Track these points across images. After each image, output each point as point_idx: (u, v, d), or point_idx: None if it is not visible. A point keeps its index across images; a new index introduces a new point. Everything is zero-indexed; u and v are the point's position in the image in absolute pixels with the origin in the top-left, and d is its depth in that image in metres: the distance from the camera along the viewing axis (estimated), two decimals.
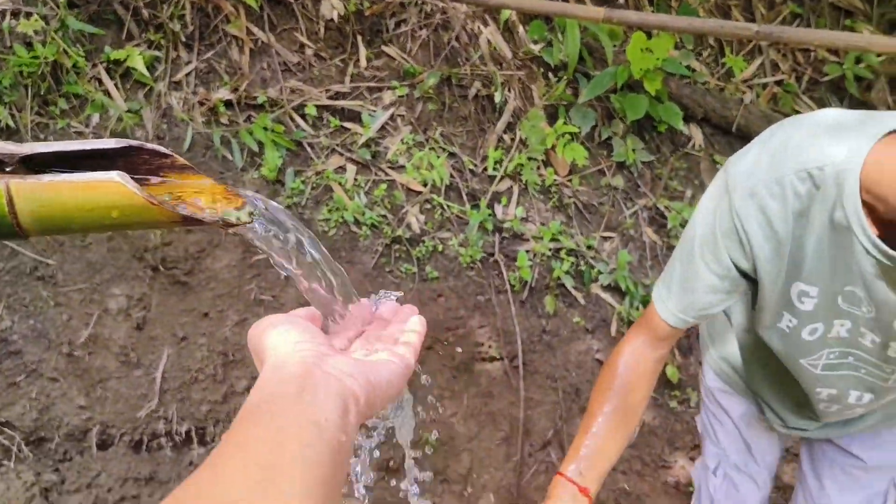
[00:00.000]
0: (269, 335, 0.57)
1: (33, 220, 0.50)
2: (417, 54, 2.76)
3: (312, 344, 0.56)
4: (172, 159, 0.60)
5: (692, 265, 1.13)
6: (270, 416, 0.48)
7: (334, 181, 2.44)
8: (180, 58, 2.49)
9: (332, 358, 0.55)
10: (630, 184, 2.80)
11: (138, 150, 0.58)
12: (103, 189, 0.50)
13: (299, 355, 0.53)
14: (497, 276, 2.47)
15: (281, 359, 0.53)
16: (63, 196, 0.50)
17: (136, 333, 2.22)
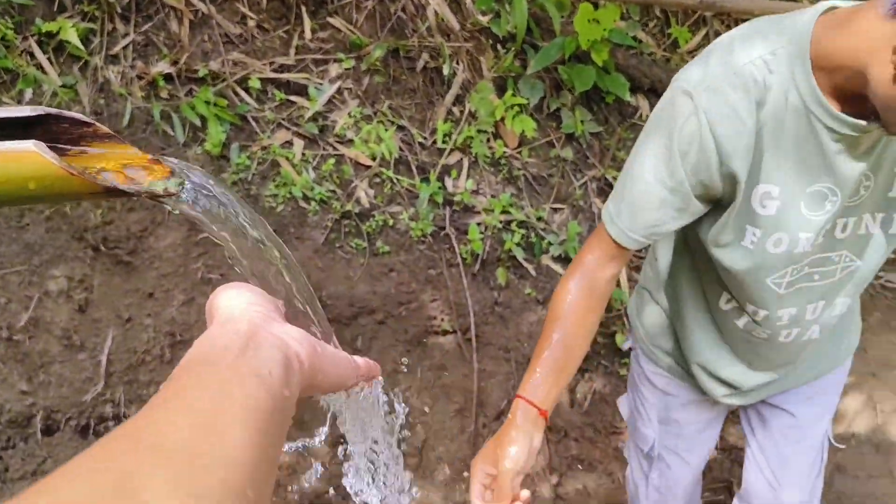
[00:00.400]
0: (222, 297, 0.55)
1: None
2: (363, 26, 2.72)
3: (264, 308, 0.55)
4: (95, 128, 0.57)
5: (642, 181, 1.11)
6: (213, 366, 0.47)
7: (281, 156, 2.39)
8: (116, 30, 2.40)
9: (279, 324, 0.54)
10: (579, 155, 2.82)
11: (56, 118, 0.55)
12: (18, 159, 0.48)
13: (248, 315, 0.52)
14: (448, 249, 2.47)
15: (230, 316, 0.52)
16: None
17: (79, 316, 2.16)
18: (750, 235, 1.13)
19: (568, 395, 2.45)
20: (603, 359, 2.50)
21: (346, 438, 0.76)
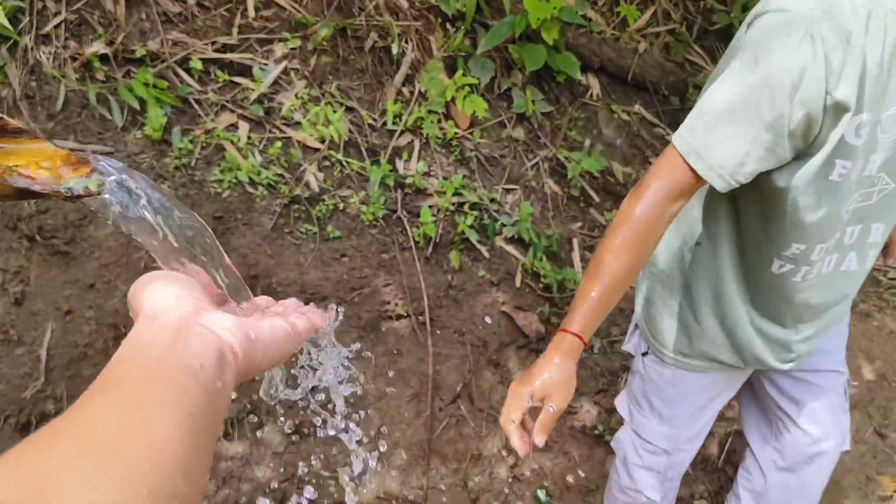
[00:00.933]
0: (148, 290, 0.52)
1: None
2: (309, 4, 2.64)
3: (192, 299, 0.51)
4: (3, 122, 0.52)
5: (733, 115, 1.07)
6: (141, 360, 0.44)
7: (226, 140, 2.32)
8: (47, 8, 2.28)
9: (210, 313, 0.51)
10: (531, 135, 2.80)
11: None
12: None
13: (177, 309, 0.50)
14: (401, 232, 2.43)
15: (156, 311, 0.49)
16: None
17: (15, 309, 2.06)
18: (839, 169, 1.11)
19: None
20: None
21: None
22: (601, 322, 1.20)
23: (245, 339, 0.52)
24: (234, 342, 0.50)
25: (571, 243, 2.65)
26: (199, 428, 0.43)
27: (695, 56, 3.20)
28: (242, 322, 0.52)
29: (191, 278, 0.56)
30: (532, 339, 2.46)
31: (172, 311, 0.50)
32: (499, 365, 2.46)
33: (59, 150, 0.54)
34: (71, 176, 0.53)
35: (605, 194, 2.81)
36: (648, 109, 3.02)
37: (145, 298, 0.52)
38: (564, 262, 2.61)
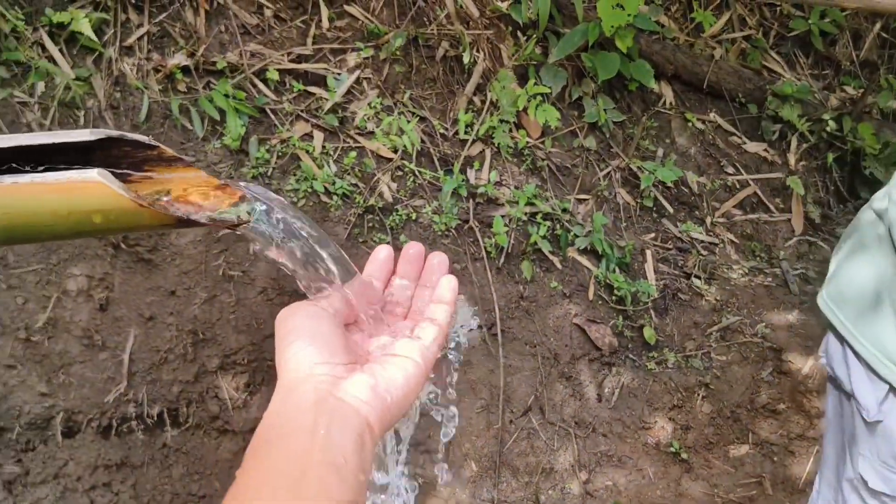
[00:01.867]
0: (287, 346, 0.55)
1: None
2: (382, 14, 2.65)
3: (329, 366, 0.54)
4: (159, 151, 0.52)
5: None
6: (289, 453, 0.48)
7: (301, 149, 2.34)
8: (130, 21, 2.34)
9: (346, 381, 0.53)
10: (602, 144, 2.76)
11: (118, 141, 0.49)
12: (82, 191, 0.42)
13: (314, 381, 0.52)
14: (472, 242, 2.42)
15: (295, 382, 0.53)
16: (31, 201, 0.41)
17: (100, 315, 2.11)
18: None
19: (595, 389, 2.41)
20: (631, 353, 2.45)
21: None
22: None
23: (382, 409, 0.53)
24: (372, 415, 0.52)
25: (644, 255, 2.60)
26: None
27: (772, 63, 3.11)
28: (377, 387, 0.53)
29: (330, 326, 0.57)
30: (605, 353, 2.42)
31: (310, 382, 0.52)
32: (570, 378, 2.42)
33: (211, 179, 0.54)
34: (224, 204, 0.53)
35: (678, 205, 2.75)
36: (724, 117, 2.95)
37: (287, 359, 0.54)
38: (637, 274, 2.56)
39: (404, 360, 0.58)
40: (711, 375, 2.46)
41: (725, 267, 2.69)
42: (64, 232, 0.43)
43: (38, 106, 2.17)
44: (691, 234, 2.69)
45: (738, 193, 2.84)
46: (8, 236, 0.42)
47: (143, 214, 0.45)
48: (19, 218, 0.42)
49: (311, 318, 0.57)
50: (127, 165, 0.50)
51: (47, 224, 0.42)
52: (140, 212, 0.44)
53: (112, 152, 0.49)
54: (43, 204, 0.42)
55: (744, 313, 2.58)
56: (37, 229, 0.42)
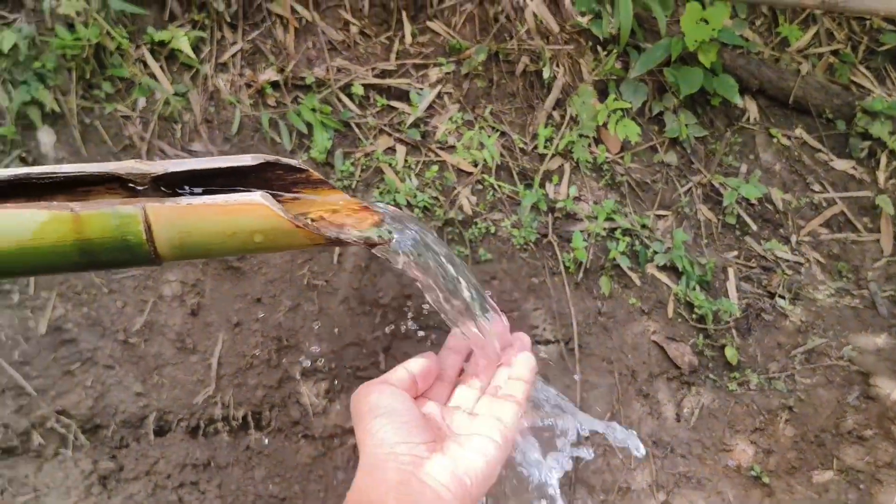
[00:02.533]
0: (367, 425, 0.57)
1: (171, 248, 0.45)
2: (463, 29, 2.69)
3: (409, 446, 0.56)
4: (307, 174, 0.56)
5: None
6: None
7: (384, 163, 2.39)
8: (225, 38, 2.44)
9: (428, 463, 0.55)
10: (683, 160, 2.73)
11: (272, 164, 0.53)
12: (246, 212, 0.46)
13: (396, 461, 0.54)
14: (551, 257, 2.42)
15: (378, 460, 0.55)
16: (204, 221, 0.45)
17: (192, 319, 2.20)
18: None
19: (674, 409, 2.38)
20: (711, 372, 2.41)
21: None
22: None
23: (462, 492, 0.55)
24: (451, 498, 0.53)
25: (726, 273, 2.55)
26: None
27: (861, 78, 3.01)
28: (458, 473, 0.55)
29: (409, 407, 0.59)
30: (684, 371, 2.38)
31: (392, 461, 0.53)
32: (648, 396, 2.39)
33: (353, 201, 0.58)
34: (367, 224, 0.56)
35: (762, 222, 2.69)
36: (811, 133, 2.87)
37: (368, 437, 0.56)
38: (719, 293, 2.52)
39: (485, 440, 0.59)
40: (795, 398, 2.40)
41: (811, 287, 2.62)
42: (230, 249, 0.47)
43: (139, 119, 2.28)
44: (776, 253, 2.63)
45: (825, 212, 2.76)
46: (183, 252, 0.46)
47: (298, 234, 0.48)
48: (193, 236, 0.45)
49: (388, 396, 0.60)
50: (278, 187, 0.54)
51: (217, 242, 0.46)
52: (296, 232, 0.48)
53: (265, 175, 0.53)
54: (214, 224, 0.46)
55: (830, 335, 2.50)
56: (206, 247, 0.46)
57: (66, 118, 2.25)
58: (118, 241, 0.42)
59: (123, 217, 0.42)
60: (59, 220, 0.39)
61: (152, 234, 0.43)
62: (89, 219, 0.41)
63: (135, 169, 0.45)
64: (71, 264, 0.42)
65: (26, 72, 2.17)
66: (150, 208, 0.43)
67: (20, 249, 0.38)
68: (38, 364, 2.14)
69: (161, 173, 0.46)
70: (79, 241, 0.41)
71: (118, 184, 0.44)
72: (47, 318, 2.15)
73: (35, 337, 2.15)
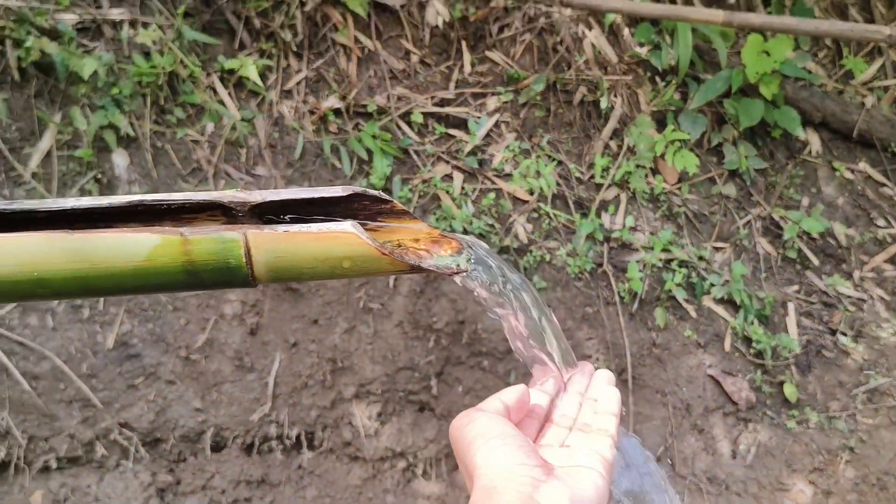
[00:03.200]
0: (478, 449, 0.56)
1: (267, 270, 0.48)
2: (522, 59, 2.73)
3: (527, 468, 0.54)
4: (392, 205, 0.58)
5: None
6: None
7: (442, 189, 2.43)
8: (290, 66, 2.52)
9: (544, 486, 0.54)
10: (742, 192, 2.70)
11: (360, 196, 0.56)
12: (337, 240, 0.49)
13: (516, 482, 0.53)
14: (605, 287, 2.41)
15: (494, 483, 0.53)
16: (298, 247, 0.48)
17: (250, 338, 2.26)
18: None
19: (730, 445, 2.33)
20: (769, 409, 2.36)
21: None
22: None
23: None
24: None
25: (786, 308, 2.50)
26: None
27: None
28: (574, 496, 0.54)
29: (517, 432, 0.59)
30: (741, 407, 2.34)
31: (512, 483, 0.53)
32: (703, 431, 2.35)
33: (433, 230, 0.60)
34: (446, 252, 0.59)
35: (824, 257, 2.63)
36: (875, 167, 2.81)
37: (478, 462, 0.56)
38: (778, 328, 2.47)
39: (591, 472, 0.59)
40: (856, 439, 2.32)
41: (874, 325, 2.54)
42: (320, 274, 0.50)
43: (207, 144, 2.37)
44: (838, 289, 2.57)
45: (890, 247, 2.69)
46: (277, 276, 0.49)
47: (383, 261, 0.51)
48: (287, 261, 0.49)
49: (495, 421, 0.59)
50: (363, 216, 0.57)
51: (308, 266, 0.49)
52: (381, 259, 0.50)
53: (352, 205, 0.56)
54: (307, 250, 0.49)
55: (893, 375, 2.42)
56: (299, 271, 0.49)
57: (139, 142, 2.35)
58: (221, 264, 0.45)
59: (227, 242, 0.45)
60: (170, 244, 0.43)
61: (251, 258, 0.46)
62: (197, 242, 0.44)
63: (236, 197, 0.48)
64: (178, 284, 0.45)
65: (104, 97, 2.27)
66: (250, 234, 0.46)
67: (134, 270, 0.41)
68: (105, 377, 2.22)
69: (259, 202, 0.49)
70: (186, 263, 0.44)
71: (220, 211, 0.48)
72: (115, 334, 2.24)
73: (102, 351, 2.23)
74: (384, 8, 2.66)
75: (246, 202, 0.48)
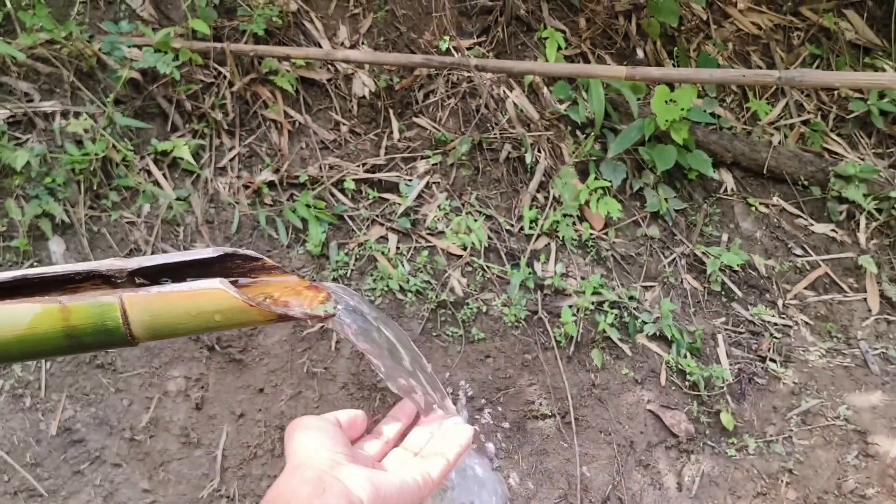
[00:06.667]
0: (296, 437, 0.64)
1: (144, 329, 0.54)
2: (448, 122, 2.86)
3: (331, 453, 0.62)
4: (262, 262, 0.66)
5: None
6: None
7: (377, 251, 2.50)
8: (223, 144, 2.60)
9: (345, 467, 0.61)
10: (666, 232, 2.83)
11: (232, 256, 0.63)
12: (207, 296, 0.55)
13: (317, 462, 0.60)
14: (542, 333, 2.50)
15: (299, 463, 0.60)
16: (172, 305, 0.55)
17: (196, 413, 2.27)
18: None
19: (675, 478, 2.39)
20: (709, 439, 2.44)
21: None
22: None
23: (373, 492, 0.61)
24: (364, 495, 0.60)
25: (716, 339, 2.61)
26: None
27: (833, 144, 3.15)
28: (373, 478, 0.61)
29: (335, 429, 0.67)
30: (682, 439, 2.41)
31: (312, 462, 0.61)
32: (648, 466, 2.41)
33: (302, 282, 0.67)
34: (314, 301, 0.66)
35: (748, 288, 2.77)
36: (788, 200, 2.98)
37: (292, 449, 0.64)
38: (710, 359, 2.57)
39: (405, 475, 0.66)
40: (795, 461, 2.41)
41: (802, 349, 2.67)
42: (195, 328, 0.56)
43: (144, 225, 2.42)
44: (763, 317, 2.69)
45: (809, 275, 2.84)
46: (154, 333, 0.55)
47: (252, 312, 0.57)
48: (163, 318, 0.55)
49: (319, 420, 0.67)
50: (238, 274, 0.64)
51: (183, 322, 0.55)
52: (250, 310, 0.57)
53: (227, 264, 0.63)
54: (180, 307, 0.55)
55: (824, 395, 2.54)
56: (174, 326, 0.55)
57: (74, 228, 2.39)
58: (99, 326, 0.51)
59: (103, 305, 0.51)
60: (50, 312, 0.48)
61: (128, 318, 0.52)
62: (75, 309, 0.50)
63: (114, 265, 0.55)
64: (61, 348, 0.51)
65: (38, 187, 2.32)
66: (125, 297, 0.52)
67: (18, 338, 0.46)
68: (49, 465, 2.20)
69: (136, 268, 0.56)
70: (67, 328, 0.50)
71: (101, 279, 0.54)
72: (57, 420, 2.23)
73: (46, 438, 2.21)
74: (312, 83, 2.77)
75: (123, 269, 0.55)
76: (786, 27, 3.40)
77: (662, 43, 3.21)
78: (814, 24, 3.38)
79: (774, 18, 3.39)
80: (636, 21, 3.22)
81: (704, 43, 3.25)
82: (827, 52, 3.33)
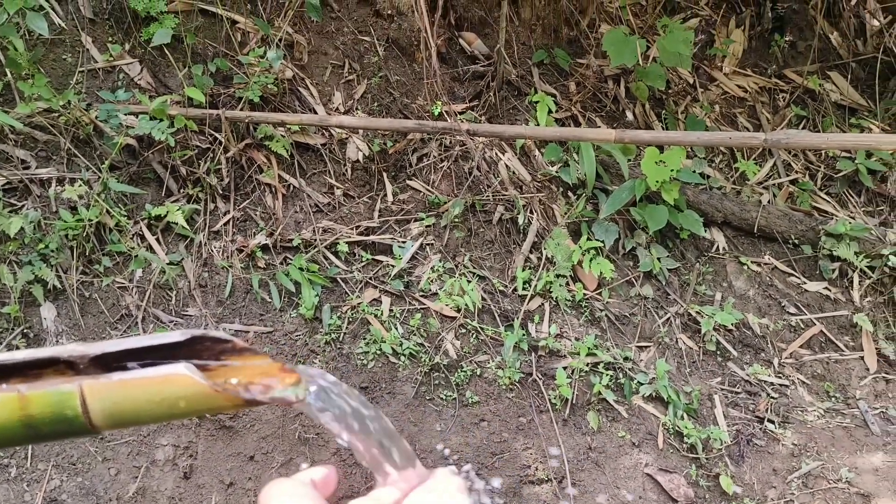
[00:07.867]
0: (275, 502, 0.61)
1: (105, 418, 0.53)
2: (441, 185, 2.89)
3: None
4: (233, 344, 0.65)
5: None
6: None
7: (370, 314, 2.50)
8: (218, 209, 2.62)
9: None
10: (659, 292, 2.83)
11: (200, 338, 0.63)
12: (171, 382, 0.55)
13: None
14: (537, 395, 2.47)
15: None
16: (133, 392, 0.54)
17: (184, 483, 2.23)
18: None
19: None
20: (707, 503, 2.38)
21: None
22: None
23: None
24: None
25: (713, 400, 2.58)
26: None
27: (822, 203, 3.18)
28: None
29: (312, 491, 0.65)
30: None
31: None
32: None
33: (274, 364, 0.67)
34: (283, 385, 0.65)
35: (743, 347, 2.75)
36: (780, 259, 2.99)
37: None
38: (707, 420, 2.54)
39: None
40: None
41: (800, 409, 2.64)
42: (159, 416, 0.55)
43: (136, 290, 2.42)
44: (759, 377, 2.67)
45: (804, 333, 2.83)
46: (116, 421, 0.54)
47: (219, 398, 0.57)
48: (124, 406, 0.54)
49: (296, 483, 0.65)
50: (207, 357, 0.63)
51: (146, 410, 0.55)
52: (216, 396, 0.56)
53: (195, 347, 0.62)
54: (142, 394, 0.54)
55: (825, 457, 2.49)
56: (137, 414, 0.55)
57: (66, 293, 2.39)
58: (58, 416, 0.50)
59: (62, 394, 0.50)
60: (7, 401, 0.48)
61: (87, 407, 0.52)
62: (33, 398, 0.49)
63: (76, 351, 0.54)
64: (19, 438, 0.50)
65: (31, 253, 2.33)
66: (85, 385, 0.52)
67: None
68: None
69: (99, 353, 0.55)
70: (24, 417, 0.49)
71: (65, 365, 0.54)
72: (43, 491, 2.18)
73: None
74: (307, 147, 2.81)
75: (85, 355, 0.54)
76: (771, 89, 3.47)
77: (651, 105, 3.27)
78: (798, 85, 3.45)
79: (760, 81, 3.46)
80: (625, 85, 3.28)
81: (692, 105, 3.31)
82: (812, 113, 3.38)
